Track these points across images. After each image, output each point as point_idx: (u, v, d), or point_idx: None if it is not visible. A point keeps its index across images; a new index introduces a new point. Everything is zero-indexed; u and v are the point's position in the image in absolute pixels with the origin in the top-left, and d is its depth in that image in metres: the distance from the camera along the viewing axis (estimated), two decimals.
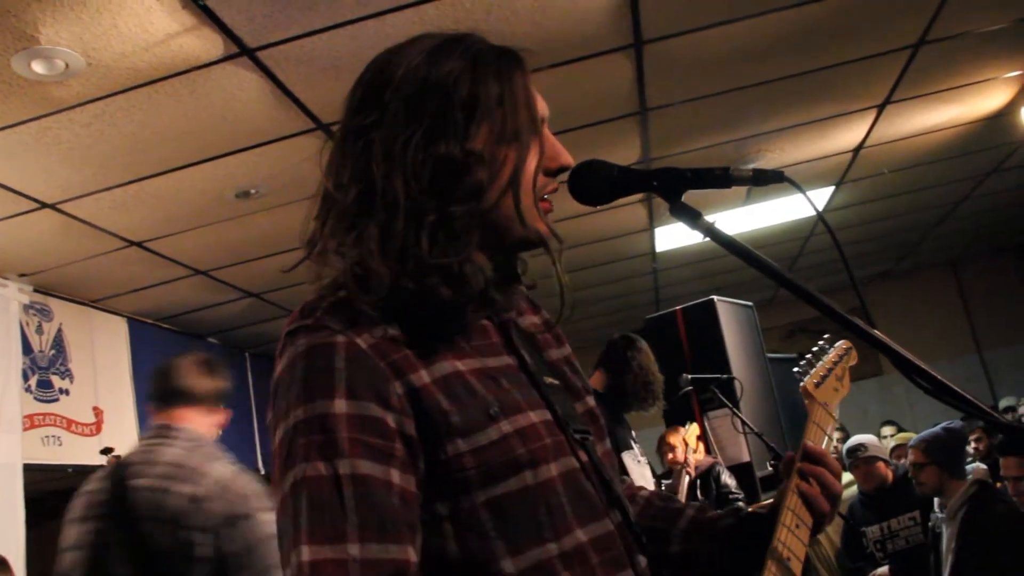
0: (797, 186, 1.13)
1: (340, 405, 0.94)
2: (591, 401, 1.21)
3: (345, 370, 0.96)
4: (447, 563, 0.97)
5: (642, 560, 1.08)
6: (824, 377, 1.47)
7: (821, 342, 1.54)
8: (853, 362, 1.54)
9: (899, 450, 6.23)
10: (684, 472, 5.01)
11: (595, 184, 1.13)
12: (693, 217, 1.11)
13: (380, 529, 0.91)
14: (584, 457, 1.08)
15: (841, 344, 1.54)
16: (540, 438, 1.02)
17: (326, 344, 0.97)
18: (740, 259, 1.10)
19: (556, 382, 1.15)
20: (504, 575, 0.96)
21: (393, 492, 0.93)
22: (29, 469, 4.52)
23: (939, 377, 1.04)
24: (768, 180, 1.12)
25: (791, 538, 1.16)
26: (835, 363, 1.50)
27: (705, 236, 1.11)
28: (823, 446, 1.33)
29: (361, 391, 0.95)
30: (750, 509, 5.08)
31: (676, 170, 1.12)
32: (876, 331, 1.08)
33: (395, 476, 0.94)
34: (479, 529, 0.97)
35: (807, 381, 1.46)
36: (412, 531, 0.94)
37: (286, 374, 0.99)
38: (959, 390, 1.04)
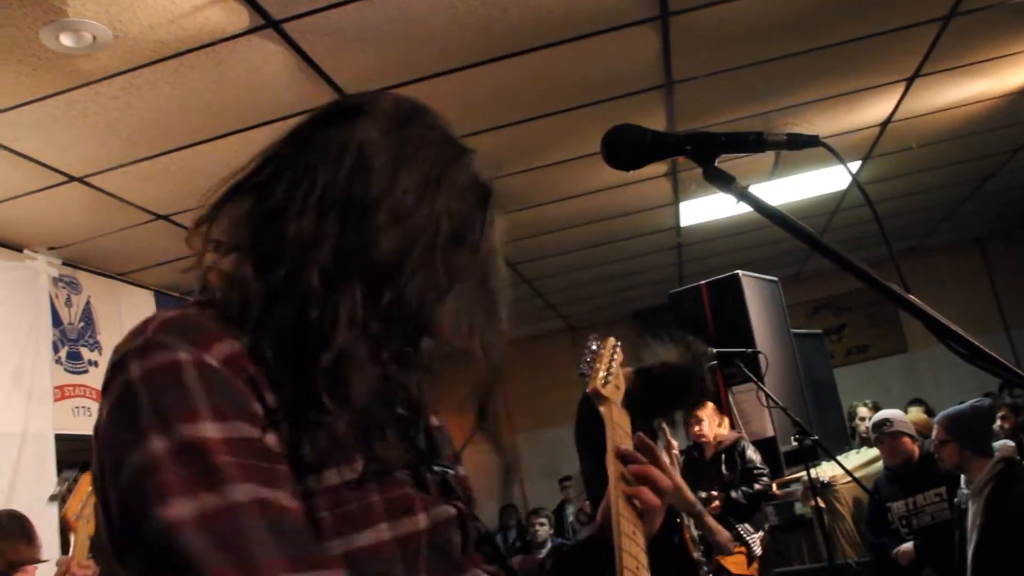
0: (832, 151, 1.12)
1: (207, 428, 0.77)
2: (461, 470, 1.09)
3: (202, 387, 0.79)
4: None
5: None
6: (607, 375, 1.38)
7: (591, 343, 1.45)
8: (621, 359, 1.45)
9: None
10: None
11: (628, 148, 1.13)
12: (727, 181, 1.10)
13: (305, 555, 0.77)
14: (450, 509, 0.98)
15: (610, 340, 1.47)
16: (401, 486, 0.92)
17: (168, 363, 0.80)
18: (772, 223, 1.08)
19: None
20: None
21: (296, 517, 0.79)
22: (60, 439, 4.59)
23: (974, 342, 1.03)
24: (803, 144, 1.11)
25: (633, 545, 1.10)
26: (611, 360, 1.42)
27: (739, 200, 1.10)
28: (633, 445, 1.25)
29: (226, 410, 0.79)
30: (774, 486, 5.10)
31: (710, 134, 1.11)
32: (911, 296, 1.06)
33: (288, 501, 0.79)
34: None
35: (595, 382, 1.35)
36: (330, 557, 0.82)
37: (117, 410, 0.80)
38: (994, 355, 1.04)
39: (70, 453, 4.79)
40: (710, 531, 4.07)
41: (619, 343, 1.47)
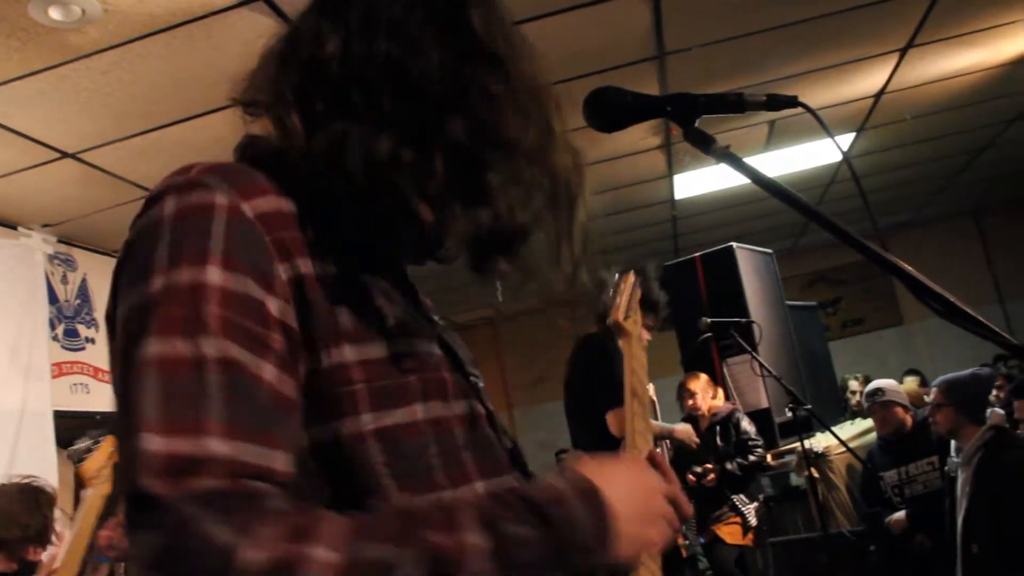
0: (812, 111, 1.12)
1: (213, 275, 0.75)
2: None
3: (224, 235, 0.77)
4: (323, 503, 0.78)
5: None
6: (628, 310, 1.35)
7: (617, 275, 1.42)
8: (640, 295, 1.42)
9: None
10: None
11: (609, 109, 1.13)
12: (707, 143, 1.10)
13: (249, 427, 0.72)
14: (481, 408, 0.96)
15: (630, 276, 1.44)
16: (438, 369, 0.91)
17: (200, 205, 0.79)
18: (757, 185, 1.09)
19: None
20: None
21: (263, 389, 0.75)
22: (59, 416, 4.61)
23: (951, 299, 1.04)
24: (781, 105, 1.12)
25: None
26: (631, 295, 1.39)
27: (719, 160, 1.10)
28: (644, 386, 1.23)
29: (239, 263, 0.77)
30: (769, 457, 5.13)
31: (690, 95, 1.11)
32: (890, 255, 1.08)
33: (268, 373, 0.76)
34: (366, 463, 0.81)
35: (616, 314, 1.32)
36: (287, 440, 0.76)
37: (140, 241, 0.80)
38: (971, 312, 1.05)
39: (68, 430, 4.81)
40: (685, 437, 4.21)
41: (639, 279, 1.43)
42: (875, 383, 4.93)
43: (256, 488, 0.71)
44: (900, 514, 4.57)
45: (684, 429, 4.82)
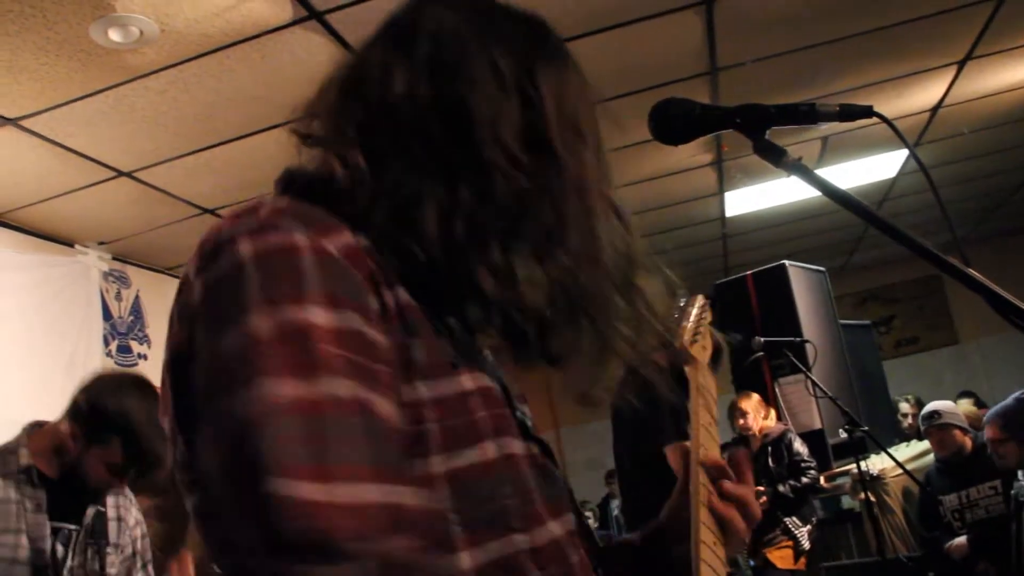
0: (887, 121, 1.08)
1: (318, 313, 0.71)
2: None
3: (318, 273, 0.73)
4: None
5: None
6: (696, 334, 1.27)
7: (680, 299, 1.32)
8: (710, 318, 1.33)
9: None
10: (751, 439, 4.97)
11: (676, 121, 1.11)
12: (778, 155, 1.07)
13: (394, 470, 0.70)
14: (535, 444, 0.91)
15: (699, 297, 1.35)
16: (501, 405, 0.86)
17: (283, 245, 0.74)
18: (827, 196, 1.06)
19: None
20: (460, 573, 0.75)
21: (391, 426, 0.72)
22: None
23: None
24: (856, 115, 1.08)
25: (714, 558, 1.00)
26: (700, 318, 1.31)
27: (790, 173, 1.07)
28: (713, 417, 1.17)
29: (340, 299, 0.73)
30: (822, 479, 5.02)
31: (760, 106, 1.09)
32: (972, 270, 1.03)
33: (387, 409, 0.73)
34: (437, 507, 0.77)
35: (682, 339, 1.24)
36: (422, 479, 0.75)
37: (221, 287, 0.75)
38: None
39: None
40: None
41: (709, 301, 1.35)
42: (931, 405, 4.81)
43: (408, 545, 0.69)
44: (961, 539, 4.44)
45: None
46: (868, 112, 1.08)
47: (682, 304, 1.30)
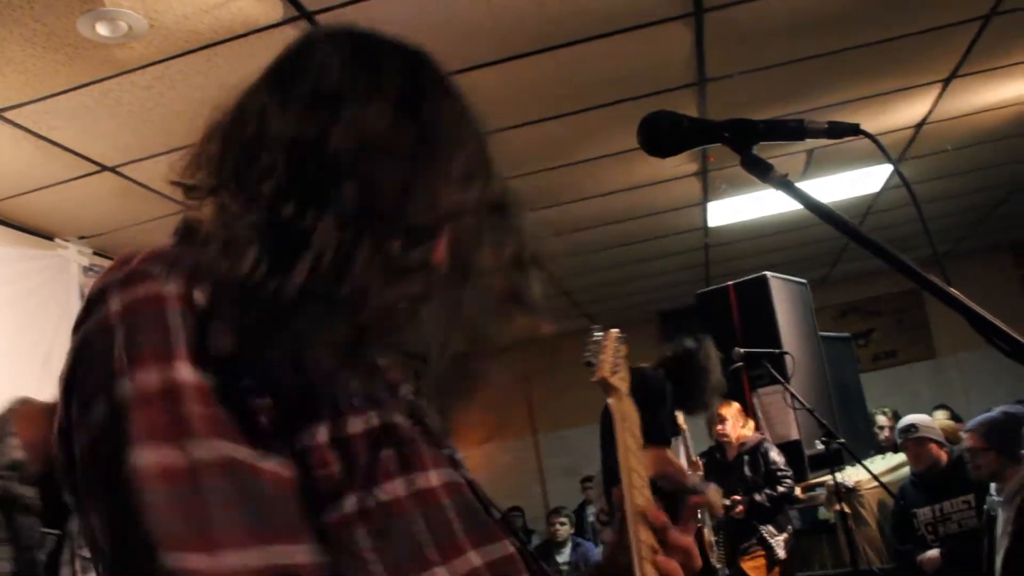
0: (874, 139, 1.09)
1: (184, 371, 0.70)
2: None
3: (183, 327, 0.72)
4: None
5: None
6: (615, 366, 1.32)
7: (593, 334, 1.38)
8: (625, 351, 1.38)
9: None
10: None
11: (665, 134, 1.11)
12: (764, 170, 1.08)
13: (278, 530, 0.70)
14: (461, 476, 0.90)
15: (612, 332, 1.40)
16: (413, 440, 0.84)
17: (149, 297, 0.73)
18: (812, 212, 1.07)
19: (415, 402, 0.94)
20: None
21: (269, 481, 0.72)
22: None
23: (1019, 338, 1.01)
24: (843, 133, 1.09)
25: None
26: (617, 350, 1.36)
27: (776, 188, 1.08)
28: (639, 443, 1.20)
29: (207, 355, 0.72)
30: (798, 490, 5.04)
31: (749, 121, 1.09)
32: (953, 289, 1.04)
33: (264, 462, 0.72)
34: (352, 551, 0.76)
35: (602, 371, 1.29)
36: (305, 528, 0.74)
37: (89, 346, 0.74)
38: None
39: None
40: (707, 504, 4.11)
41: (622, 336, 1.40)
42: (908, 419, 4.85)
43: None
44: (934, 552, 4.48)
45: (713, 493, 4.55)
46: (855, 130, 1.09)
47: (597, 338, 1.36)
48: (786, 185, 1.07)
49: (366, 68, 0.88)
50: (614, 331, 1.40)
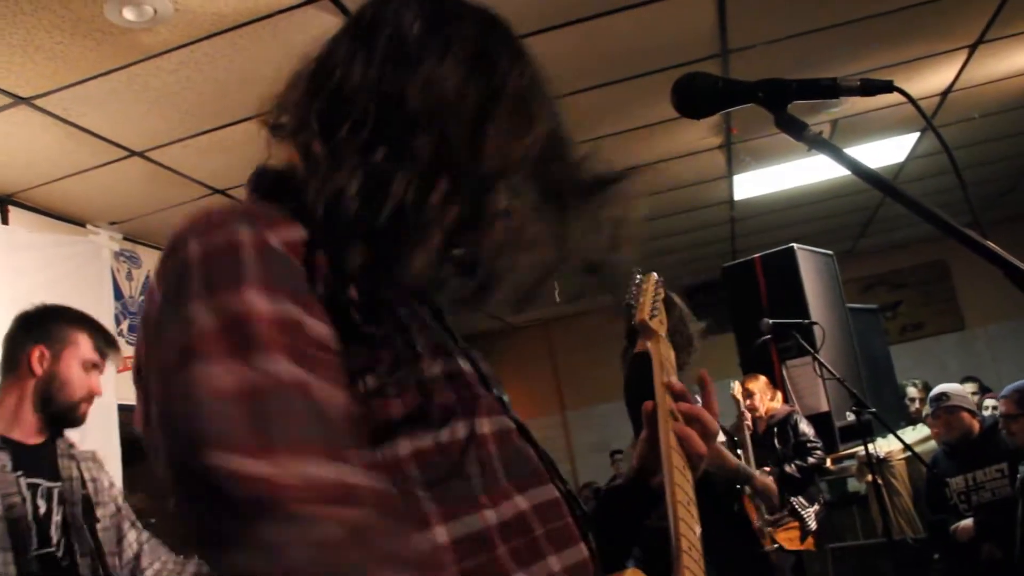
0: (908, 96, 1.10)
1: (257, 301, 0.74)
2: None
3: (257, 264, 0.76)
4: None
5: (591, 540, 0.94)
6: (653, 309, 1.35)
7: (637, 275, 1.42)
8: (663, 295, 1.41)
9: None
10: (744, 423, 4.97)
11: (698, 95, 1.12)
12: (799, 129, 1.09)
13: (342, 450, 0.71)
14: (511, 422, 0.94)
15: (652, 275, 1.43)
16: (471, 386, 0.90)
17: (229, 242, 0.77)
18: (848, 169, 1.07)
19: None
20: (436, 547, 0.78)
21: (333, 406, 0.74)
22: (123, 409, 4.70)
23: None
24: (877, 90, 1.10)
25: (684, 480, 1.09)
26: (656, 294, 1.38)
27: (810, 147, 1.09)
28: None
29: (280, 289, 0.76)
30: (828, 461, 5.03)
31: (782, 81, 1.10)
32: (990, 243, 1.05)
33: (330, 392, 0.74)
34: (406, 487, 0.79)
35: (642, 314, 1.32)
36: (366, 456, 0.77)
37: (169, 284, 0.78)
38: None
39: (131, 424, 4.90)
40: (764, 489, 4.06)
41: (662, 280, 1.43)
42: (940, 387, 4.82)
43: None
44: (967, 522, 4.46)
45: (763, 479, 4.48)
46: (889, 87, 1.09)
47: (638, 281, 1.40)
48: (821, 143, 1.08)
49: (443, 27, 0.93)
50: (654, 275, 1.42)
